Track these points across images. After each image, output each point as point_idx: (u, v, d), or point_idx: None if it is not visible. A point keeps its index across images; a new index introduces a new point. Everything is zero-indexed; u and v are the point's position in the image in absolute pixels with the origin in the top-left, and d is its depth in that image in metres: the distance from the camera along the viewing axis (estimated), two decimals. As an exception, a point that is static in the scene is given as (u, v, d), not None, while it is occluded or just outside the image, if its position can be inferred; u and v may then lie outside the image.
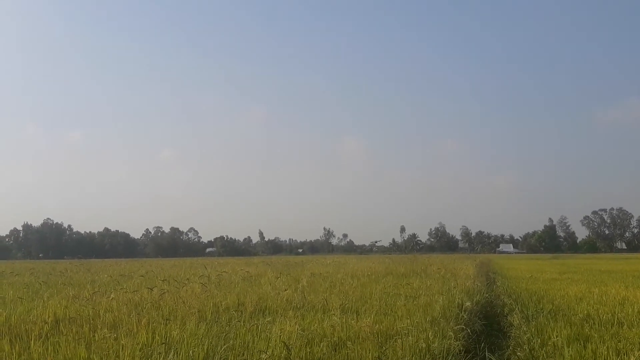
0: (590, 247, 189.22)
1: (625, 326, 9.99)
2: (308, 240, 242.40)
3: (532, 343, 8.80)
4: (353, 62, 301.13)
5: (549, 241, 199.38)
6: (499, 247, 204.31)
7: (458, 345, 8.60)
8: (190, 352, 7.29)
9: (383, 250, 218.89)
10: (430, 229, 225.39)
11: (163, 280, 19.70)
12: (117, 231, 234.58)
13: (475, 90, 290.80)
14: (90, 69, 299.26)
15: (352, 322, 9.77)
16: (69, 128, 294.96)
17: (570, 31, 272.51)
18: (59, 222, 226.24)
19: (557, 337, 8.85)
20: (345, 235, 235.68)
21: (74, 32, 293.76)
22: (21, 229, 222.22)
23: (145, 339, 8.18)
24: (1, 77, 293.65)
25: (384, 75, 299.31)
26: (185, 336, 8.17)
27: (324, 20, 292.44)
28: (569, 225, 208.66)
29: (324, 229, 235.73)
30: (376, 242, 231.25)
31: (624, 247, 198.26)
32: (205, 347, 7.45)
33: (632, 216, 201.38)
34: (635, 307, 12.32)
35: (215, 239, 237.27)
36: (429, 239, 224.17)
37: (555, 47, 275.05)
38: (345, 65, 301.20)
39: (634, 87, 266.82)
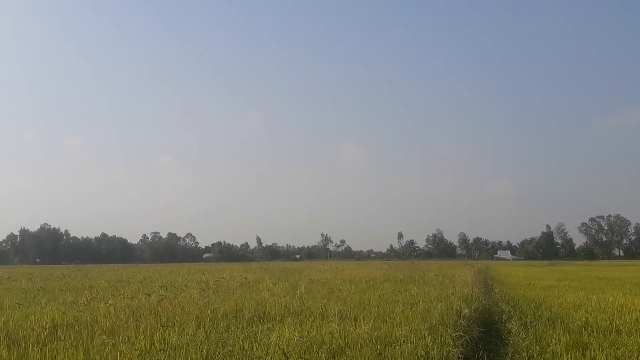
0: (588, 254, 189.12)
1: (623, 333, 10.00)
2: (306, 246, 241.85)
3: (530, 350, 8.80)
4: (352, 68, 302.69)
5: (547, 248, 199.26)
6: (496, 254, 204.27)
7: (457, 353, 8.60)
8: (189, 358, 7.28)
9: (381, 256, 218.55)
10: (428, 235, 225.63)
11: (161, 286, 19.66)
12: (115, 236, 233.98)
13: (474, 96, 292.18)
14: (90, 74, 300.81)
15: (351, 328, 9.76)
16: (67, 133, 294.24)
17: (570, 37, 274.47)
18: (56, 227, 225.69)
19: (555, 344, 8.85)
20: (342, 242, 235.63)
21: (73, 37, 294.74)
22: (18, 233, 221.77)
23: (143, 345, 8.16)
24: (0, 82, 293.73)
25: (384, 81, 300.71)
26: (183, 342, 8.15)
27: (323, 25, 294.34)
28: (566, 232, 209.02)
29: (322, 234, 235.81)
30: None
31: (622, 254, 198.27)
32: (204, 354, 7.44)
33: (630, 223, 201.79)
34: (634, 315, 12.33)
35: (213, 245, 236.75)
36: (426, 245, 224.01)
37: (555, 53, 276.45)
38: (344, 71, 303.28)
39: (632, 94, 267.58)
